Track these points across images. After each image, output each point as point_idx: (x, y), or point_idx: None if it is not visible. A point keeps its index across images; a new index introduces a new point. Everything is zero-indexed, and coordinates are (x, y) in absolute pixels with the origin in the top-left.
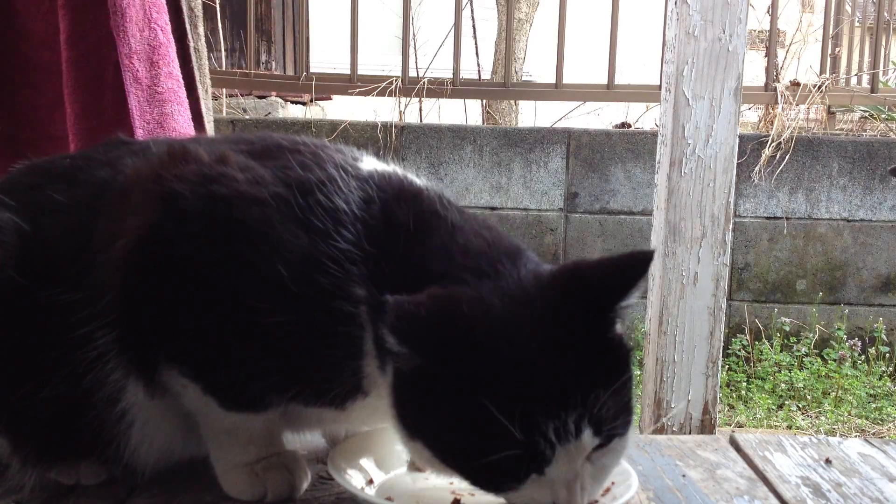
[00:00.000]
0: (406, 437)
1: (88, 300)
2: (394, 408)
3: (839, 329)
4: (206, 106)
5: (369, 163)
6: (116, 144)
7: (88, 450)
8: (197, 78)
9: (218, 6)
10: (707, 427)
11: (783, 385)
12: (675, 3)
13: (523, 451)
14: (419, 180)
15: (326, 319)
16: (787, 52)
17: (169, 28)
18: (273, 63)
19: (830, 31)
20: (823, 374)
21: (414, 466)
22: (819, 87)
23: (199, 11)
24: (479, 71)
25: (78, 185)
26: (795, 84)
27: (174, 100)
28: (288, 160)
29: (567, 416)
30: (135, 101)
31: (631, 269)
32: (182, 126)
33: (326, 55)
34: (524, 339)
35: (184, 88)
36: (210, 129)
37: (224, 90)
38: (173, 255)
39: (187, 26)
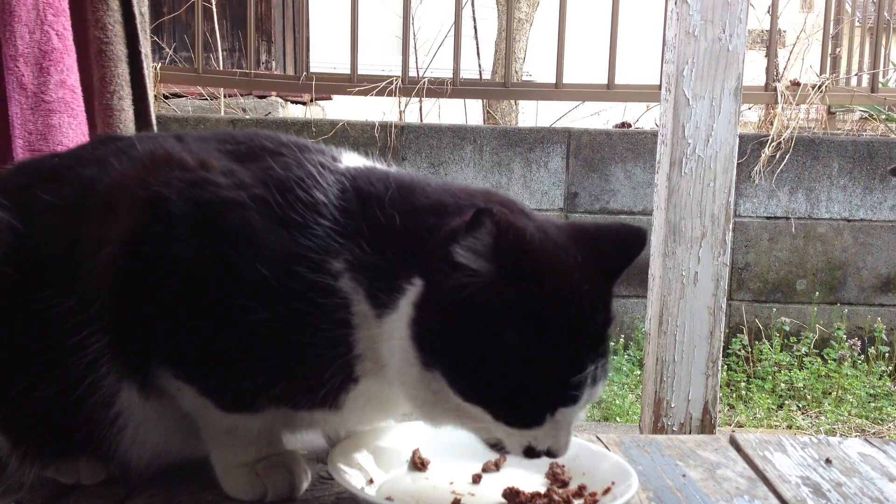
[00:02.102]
0: (421, 367)
1: (80, 307)
2: (416, 336)
3: (839, 329)
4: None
5: (348, 159)
6: (105, 142)
7: (82, 447)
8: (147, 87)
9: (216, 6)
10: (707, 427)
11: (783, 385)
12: (675, 3)
13: (581, 381)
14: (390, 168)
15: (309, 303)
16: (790, 52)
17: (69, 34)
18: (273, 63)
19: (830, 32)
20: (823, 373)
21: (414, 466)
22: (819, 87)
23: (147, 17)
24: (479, 71)
25: (67, 184)
26: (795, 84)
27: (64, 111)
28: (270, 163)
29: (599, 359)
30: (17, 108)
31: (634, 242)
32: (71, 140)
33: (326, 55)
34: (578, 276)
35: (81, 100)
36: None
37: (222, 90)
38: (162, 256)
39: (139, 31)
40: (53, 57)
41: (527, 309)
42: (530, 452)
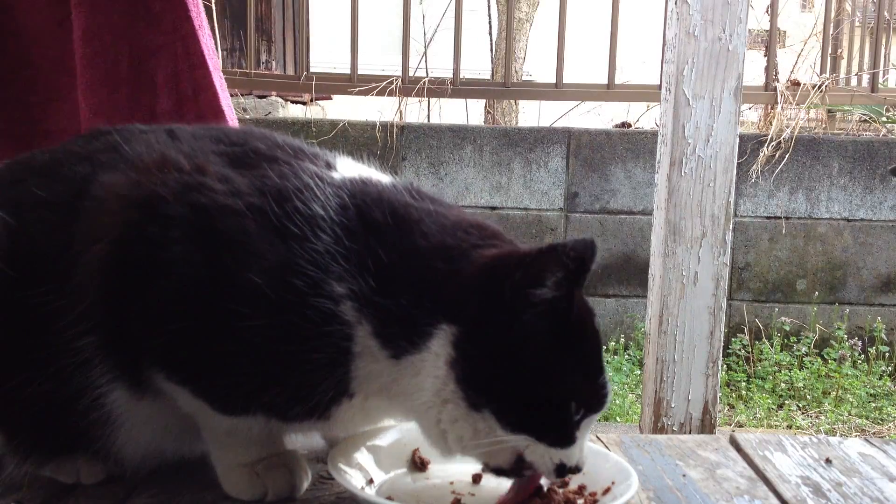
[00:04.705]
0: (467, 407)
1: (72, 306)
2: (463, 378)
3: (839, 329)
4: None
5: (343, 167)
6: (95, 136)
7: (76, 445)
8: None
9: (215, 6)
10: (707, 427)
11: (783, 385)
12: (676, 3)
13: (605, 380)
14: (387, 178)
15: (306, 321)
16: (798, 54)
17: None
18: (273, 63)
19: (830, 31)
20: (823, 373)
21: (414, 466)
22: (819, 87)
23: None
24: (492, 70)
25: (59, 180)
26: (795, 84)
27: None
28: (265, 169)
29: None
30: (218, 80)
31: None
32: (233, 118)
33: (326, 55)
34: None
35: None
36: None
37: None
38: (155, 256)
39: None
40: (206, 31)
41: (577, 323)
42: (562, 471)
